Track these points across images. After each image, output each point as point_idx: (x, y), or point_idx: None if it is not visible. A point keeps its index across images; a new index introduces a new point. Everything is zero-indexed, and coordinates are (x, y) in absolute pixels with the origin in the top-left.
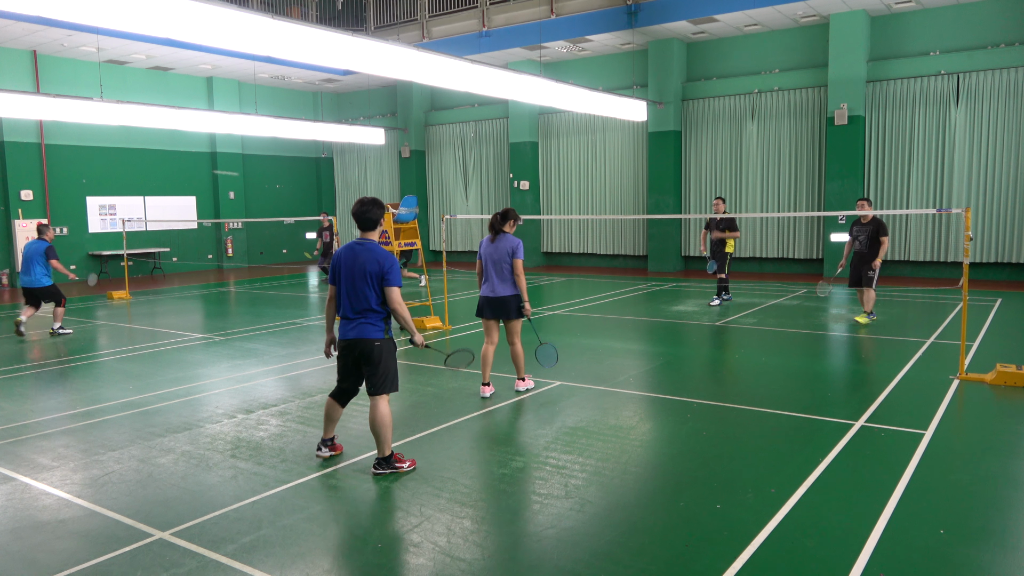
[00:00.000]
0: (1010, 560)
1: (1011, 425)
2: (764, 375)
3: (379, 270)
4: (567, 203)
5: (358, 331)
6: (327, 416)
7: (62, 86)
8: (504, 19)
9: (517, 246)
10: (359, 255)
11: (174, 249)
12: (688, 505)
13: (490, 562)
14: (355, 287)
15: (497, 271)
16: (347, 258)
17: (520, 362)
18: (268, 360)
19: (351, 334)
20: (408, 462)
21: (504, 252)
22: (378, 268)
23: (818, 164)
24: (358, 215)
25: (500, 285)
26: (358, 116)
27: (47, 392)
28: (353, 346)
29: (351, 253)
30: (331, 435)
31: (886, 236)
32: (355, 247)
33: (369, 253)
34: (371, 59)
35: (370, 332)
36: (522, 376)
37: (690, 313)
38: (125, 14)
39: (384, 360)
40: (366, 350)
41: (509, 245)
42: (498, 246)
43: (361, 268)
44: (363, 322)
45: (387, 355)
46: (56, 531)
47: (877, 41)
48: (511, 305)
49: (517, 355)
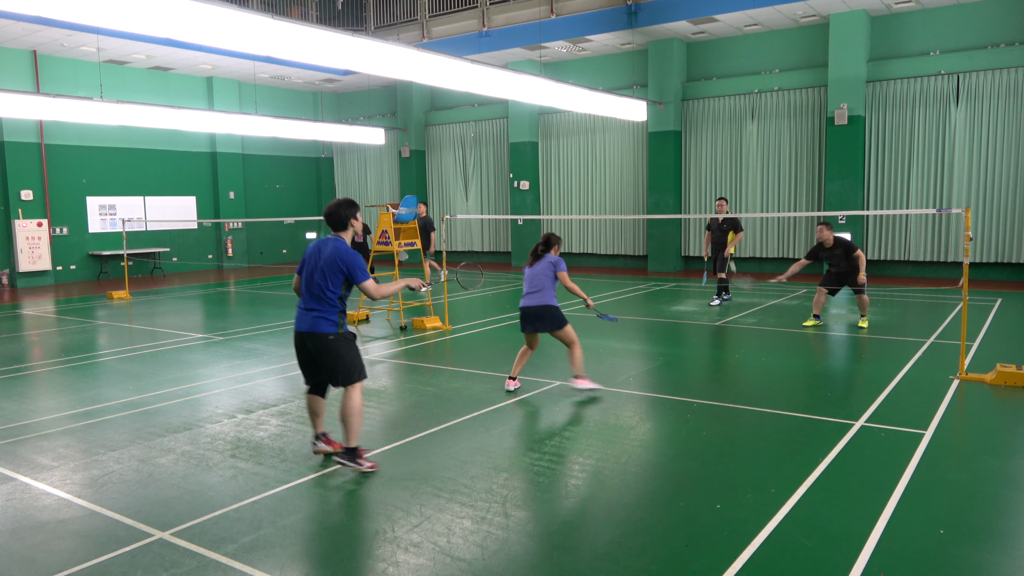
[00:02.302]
0: (1010, 560)
1: (1011, 425)
2: (764, 375)
3: (343, 268)
4: (567, 203)
5: (311, 324)
6: (311, 411)
7: (62, 86)
8: (504, 19)
9: (558, 261)
10: (323, 249)
11: (174, 249)
12: (688, 505)
13: (490, 562)
14: (313, 279)
15: (533, 285)
16: (313, 251)
17: (577, 361)
18: (268, 360)
19: (304, 326)
20: (370, 464)
21: (545, 265)
22: (342, 266)
23: (818, 164)
24: (326, 215)
25: (534, 296)
26: (358, 116)
27: (47, 392)
28: (306, 340)
29: (317, 248)
30: (321, 430)
31: (858, 250)
32: (322, 242)
33: (334, 250)
34: (371, 59)
35: (322, 326)
36: (577, 374)
37: (690, 313)
38: (125, 14)
39: (342, 353)
40: (320, 345)
41: (551, 259)
42: (538, 264)
43: (324, 262)
44: (317, 315)
45: (344, 348)
46: (56, 531)
47: (877, 41)
48: (545, 316)
49: (574, 356)
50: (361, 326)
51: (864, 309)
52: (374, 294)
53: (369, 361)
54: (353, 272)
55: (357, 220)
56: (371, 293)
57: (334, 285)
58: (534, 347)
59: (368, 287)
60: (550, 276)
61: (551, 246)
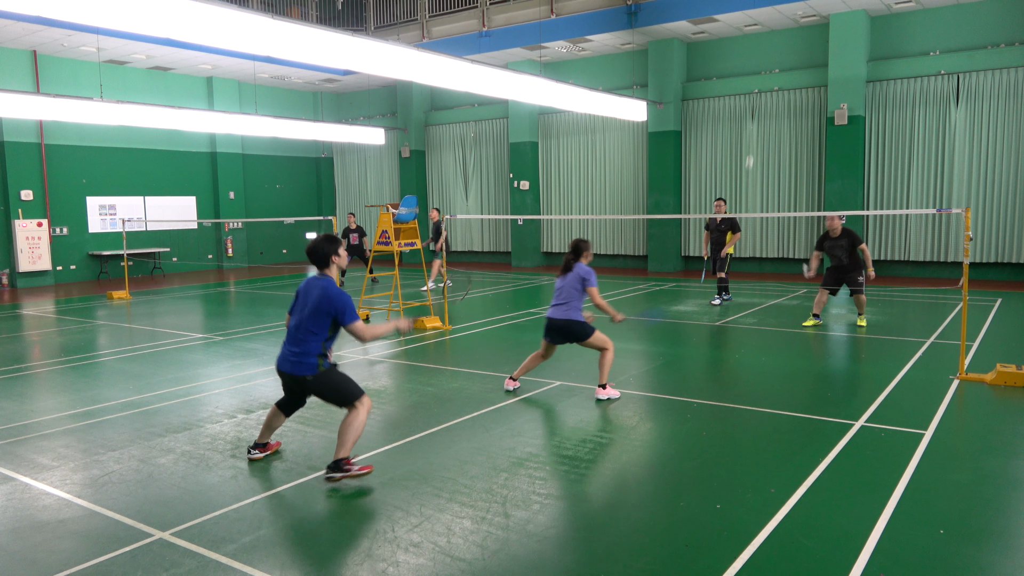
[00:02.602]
0: (1010, 560)
1: (1011, 425)
2: (764, 375)
3: (331, 311)
4: (567, 203)
5: (292, 367)
6: (267, 422)
7: (62, 86)
8: (504, 19)
9: (588, 274)
10: (311, 292)
11: (174, 249)
12: (688, 505)
13: (490, 562)
14: (302, 321)
15: (561, 297)
16: (303, 292)
17: (605, 369)
18: (268, 360)
19: (286, 367)
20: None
21: (575, 278)
22: (329, 309)
23: (818, 164)
24: (308, 252)
25: (561, 309)
26: (358, 116)
27: (47, 392)
28: (290, 380)
29: (306, 288)
30: (264, 440)
31: (863, 243)
32: (310, 283)
33: (322, 292)
34: (371, 59)
35: (301, 369)
36: (603, 383)
37: (690, 313)
38: (125, 14)
39: (328, 386)
40: (302, 385)
41: (581, 272)
42: (569, 275)
43: (311, 305)
44: (300, 357)
45: (328, 381)
46: (56, 531)
47: (877, 41)
48: (568, 330)
49: (603, 362)
50: None
51: (862, 308)
52: (364, 336)
53: (368, 361)
54: (342, 315)
55: (340, 256)
56: (361, 335)
57: (319, 328)
58: (548, 356)
59: (358, 329)
60: (578, 289)
61: (580, 253)
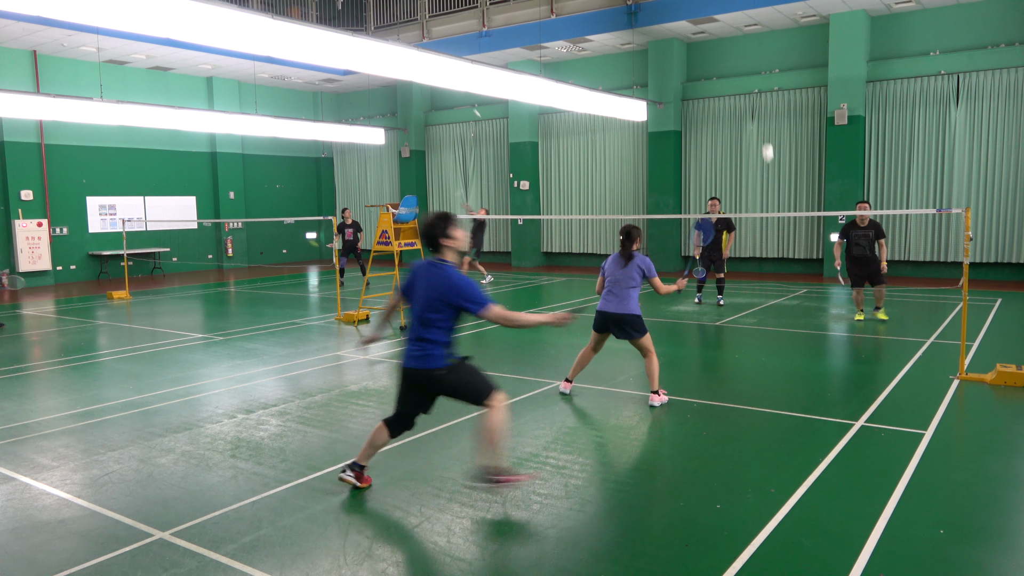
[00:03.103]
0: (1010, 560)
1: (1011, 425)
2: (764, 375)
3: (454, 300)
4: (567, 203)
5: (421, 361)
6: (371, 441)
7: (62, 86)
8: (504, 19)
9: (650, 265)
10: (432, 277)
11: (174, 249)
12: (688, 505)
13: (490, 562)
14: (422, 312)
15: (621, 288)
16: (421, 278)
17: (654, 374)
18: (268, 360)
19: (413, 363)
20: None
21: (634, 268)
22: (452, 297)
23: (818, 164)
24: (421, 234)
25: (618, 301)
26: (358, 116)
27: (47, 392)
28: (415, 376)
29: (425, 275)
30: (365, 463)
31: (885, 238)
32: (430, 268)
33: (443, 279)
34: (371, 59)
35: (431, 362)
36: (655, 389)
37: (690, 313)
38: (125, 14)
39: (463, 379)
40: (435, 382)
41: (641, 263)
42: (627, 264)
43: (432, 293)
44: (427, 352)
45: (464, 373)
46: (56, 531)
47: (877, 41)
48: (627, 323)
49: (651, 368)
50: (361, 326)
51: (881, 300)
52: (510, 320)
53: (368, 361)
54: (471, 304)
55: (454, 238)
56: (505, 320)
57: (442, 318)
58: (598, 350)
59: (496, 314)
60: (636, 281)
61: (634, 239)
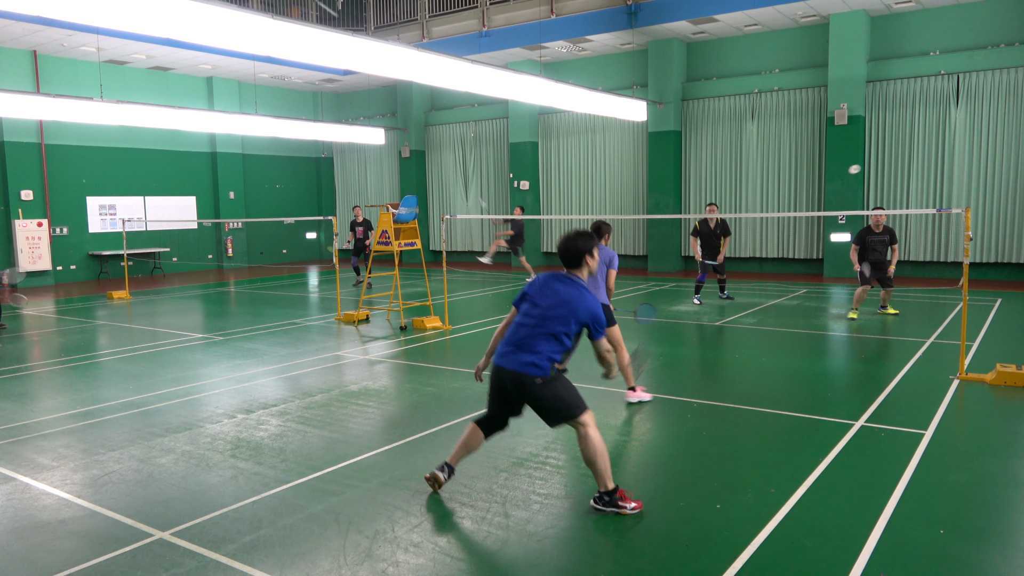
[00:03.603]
0: (1010, 560)
1: (1011, 425)
2: (764, 375)
3: (585, 319)
4: (567, 203)
5: (521, 366)
6: (464, 442)
7: (62, 86)
8: (504, 19)
9: (613, 256)
10: (561, 292)
11: (174, 249)
12: (688, 505)
13: (490, 562)
14: (543, 322)
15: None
16: (550, 288)
17: (627, 371)
18: (268, 360)
19: (512, 364)
20: (634, 503)
21: (600, 261)
22: (585, 317)
23: (818, 164)
24: (560, 250)
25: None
26: (358, 116)
27: (47, 392)
28: (507, 377)
29: (556, 286)
30: (455, 463)
31: (897, 243)
32: (565, 281)
33: (579, 296)
34: (371, 59)
35: (534, 371)
36: (632, 386)
37: (690, 313)
38: (125, 14)
39: (555, 392)
40: (528, 390)
41: (607, 255)
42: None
43: (561, 307)
44: (533, 358)
45: (558, 386)
46: (56, 531)
47: (877, 41)
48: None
49: (622, 364)
50: (361, 326)
51: (887, 302)
52: (606, 356)
53: (369, 361)
54: (598, 328)
55: (593, 258)
56: (605, 354)
57: (564, 334)
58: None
59: (603, 347)
60: (602, 271)
61: (603, 235)
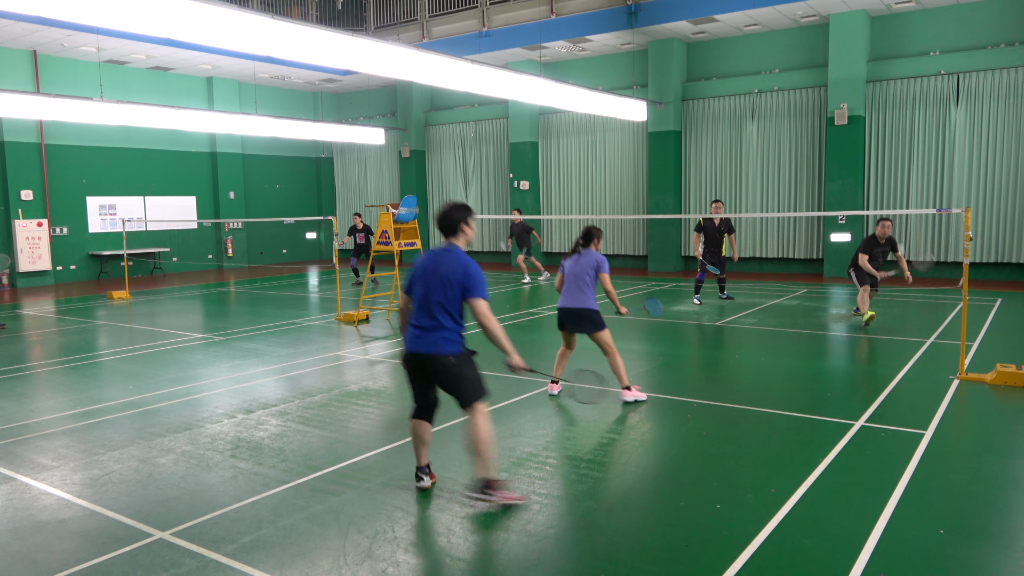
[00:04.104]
0: (1010, 560)
1: (1011, 425)
2: (764, 375)
3: (465, 279)
4: (567, 203)
5: (430, 346)
6: (416, 439)
7: (62, 86)
8: (504, 19)
9: (602, 261)
10: (443, 262)
11: (174, 249)
12: (688, 505)
13: (490, 562)
14: (430, 296)
15: (575, 284)
16: (429, 264)
17: (620, 371)
18: (268, 360)
19: (422, 347)
20: (517, 496)
21: (587, 265)
22: (461, 277)
23: (818, 164)
24: (440, 218)
25: (575, 296)
26: (358, 116)
27: (47, 392)
28: (422, 361)
29: (434, 259)
30: (426, 462)
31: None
32: (440, 253)
33: (454, 259)
34: (371, 59)
35: (444, 347)
36: (627, 385)
37: (690, 313)
38: (125, 14)
39: (464, 373)
40: (439, 366)
41: (594, 259)
42: (581, 260)
43: (443, 276)
44: (437, 335)
45: (465, 367)
46: (56, 531)
47: (877, 41)
48: (584, 318)
49: (615, 366)
50: (361, 326)
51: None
52: (490, 321)
53: (369, 361)
54: (473, 286)
55: (470, 226)
56: (487, 318)
57: (453, 302)
58: (572, 347)
59: (484, 308)
60: (591, 276)
61: (591, 239)
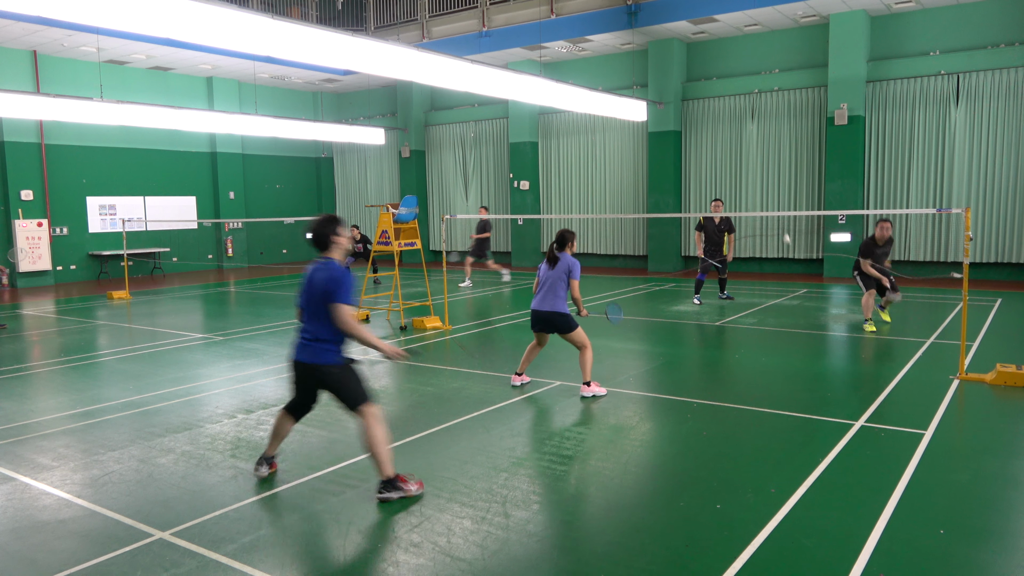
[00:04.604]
0: (1010, 560)
1: (1011, 425)
2: (764, 375)
3: (330, 285)
4: (567, 203)
5: (312, 355)
6: (275, 430)
7: (62, 86)
8: (504, 19)
9: (573, 266)
10: (316, 276)
11: (174, 249)
12: (688, 505)
13: (490, 562)
14: (310, 308)
15: (550, 289)
16: (306, 279)
17: (586, 367)
18: (268, 360)
19: (304, 357)
20: (416, 484)
21: (560, 271)
22: (330, 283)
23: (818, 164)
24: (311, 237)
25: (548, 300)
26: (358, 116)
27: (47, 392)
28: (306, 370)
29: (310, 274)
30: (273, 453)
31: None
32: (315, 268)
33: (325, 272)
34: (371, 59)
35: (325, 357)
36: (587, 381)
37: (690, 313)
38: (125, 14)
39: (345, 381)
40: (321, 377)
41: (566, 264)
42: (557, 267)
43: (315, 289)
44: (318, 346)
45: (352, 375)
46: (56, 531)
47: (877, 41)
48: (554, 321)
49: (583, 360)
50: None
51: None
52: (350, 326)
53: (369, 361)
54: (333, 292)
55: (341, 237)
56: (347, 323)
57: (327, 314)
58: (543, 344)
59: (345, 313)
60: (564, 281)
61: (566, 243)
